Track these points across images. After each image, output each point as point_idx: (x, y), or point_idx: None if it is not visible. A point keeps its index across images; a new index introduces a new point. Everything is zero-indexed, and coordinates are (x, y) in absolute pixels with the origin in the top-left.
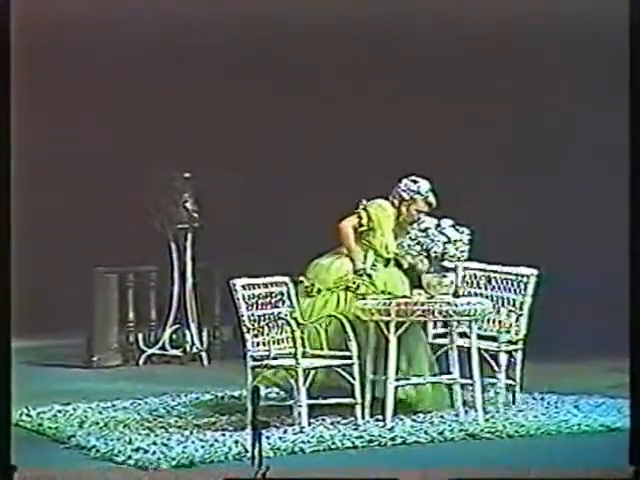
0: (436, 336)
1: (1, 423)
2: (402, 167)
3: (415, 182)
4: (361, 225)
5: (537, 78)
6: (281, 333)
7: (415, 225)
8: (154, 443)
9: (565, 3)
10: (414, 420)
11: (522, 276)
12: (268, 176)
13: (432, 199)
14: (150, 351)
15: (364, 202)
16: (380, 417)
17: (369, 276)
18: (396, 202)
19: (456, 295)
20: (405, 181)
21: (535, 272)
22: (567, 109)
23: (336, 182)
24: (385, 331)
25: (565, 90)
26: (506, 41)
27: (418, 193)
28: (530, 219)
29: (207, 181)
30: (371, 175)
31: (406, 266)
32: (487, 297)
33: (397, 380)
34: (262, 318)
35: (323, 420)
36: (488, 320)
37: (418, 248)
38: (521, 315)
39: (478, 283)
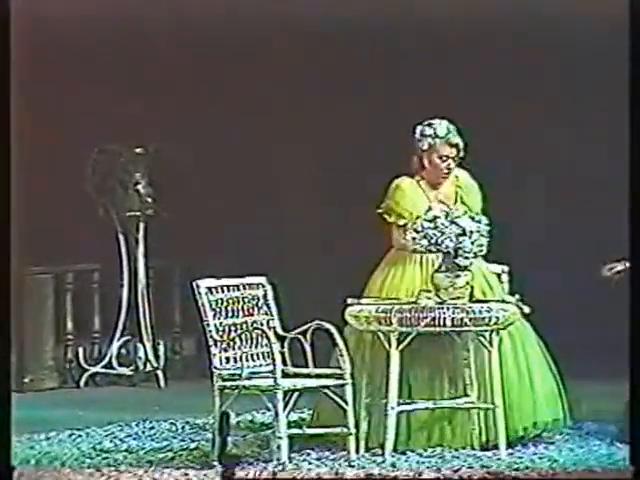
0: None
1: (1, 423)
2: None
3: (430, 125)
4: (391, 224)
5: (536, 77)
6: (256, 347)
7: (421, 214)
8: None
9: (565, 3)
10: (420, 455)
11: None
12: (240, 155)
13: (456, 139)
14: (93, 370)
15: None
16: (378, 450)
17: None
18: (417, 161)
19: (473, 299)
20: (418, 129)
21: None
22: (566, 109)
23: (318, 172)
24: (385, 344)
25: (564, 90)
26: (506, 40)
27: (436, 137)
28: (529, 219)
29: (164, 158)
30: (355, 173)
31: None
32: None
33: (400, 405)
34: (233, 328)
35: (308, 455)
36: None
37: (425, 243)
38: None
39: None
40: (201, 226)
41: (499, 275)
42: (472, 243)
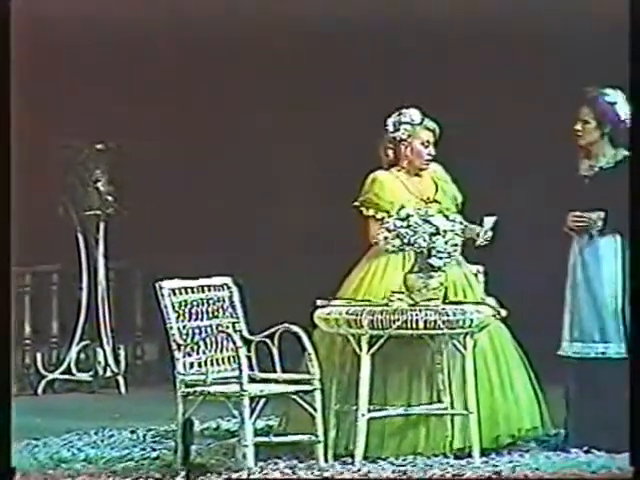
0: None
1: (2, 425)
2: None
3: (401, 113)
4: (370, 217)
5: (536, 77)
6: (221, 351)
7: (393, 213)
8: None
9: (565, 3)
10: (392, 463)
11: None
12: (205, 150)
13: (432, 123)
14: (52, 376)
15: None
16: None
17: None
18: (391, 153)
19: (446, 301)
20: (391, 119)
21: None
22: (566, 109)
23: (290, 171)
24: (356, 347)
25: (564, 90)
26: (506, 40)
27: (414, 123)
28: (530, 219)
29: (125, 155)
30: (327, 172)
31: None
32: None
33: (371, 411)
34: (197, 331)
35: (276, 464)
36: None
37: (398, 242)
38: None
39: None
40: (164, 226)
41: (475, 275)
42: (446, 243)
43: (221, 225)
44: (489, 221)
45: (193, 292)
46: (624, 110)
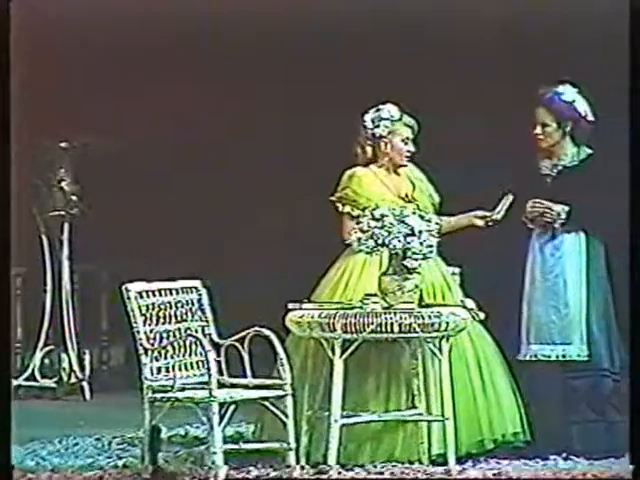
0: None
1: (1, 422)
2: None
3: (379, 110)
4: (346, 214)
5: (536, 77)
6: (190, 355)
7: (367, 213)
8: None
9: (565, 2)
10: (368, 471)
11: None
12: (172, 147)
13: (410, 120)
14: (15, 382)
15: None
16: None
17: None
18: (370, 150)
19: (422, 304)
20: (369, 116)
21: None
22: None
23: (261, 167)
24: (329, 352)
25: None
26: (505, 40)
27: (393, 119)
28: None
29: (91, 153)
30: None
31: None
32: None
33: (343, 417)
34: (165, 335)
35: (247, 472)
36: None
37: (372, 243)
38: None
39: None
40: (130, 227)
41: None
42: (421, 244)
43: (190, 226)
44: (507, 198)
45: (161, 295)
46: (583, 107)
